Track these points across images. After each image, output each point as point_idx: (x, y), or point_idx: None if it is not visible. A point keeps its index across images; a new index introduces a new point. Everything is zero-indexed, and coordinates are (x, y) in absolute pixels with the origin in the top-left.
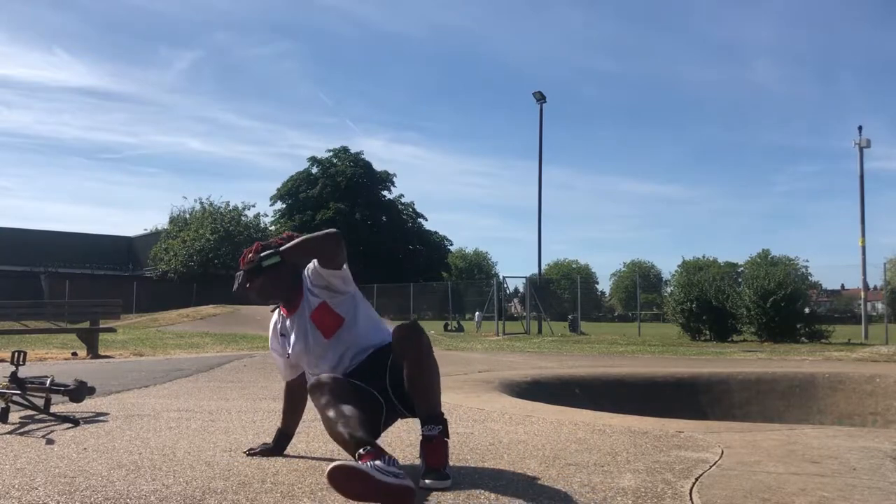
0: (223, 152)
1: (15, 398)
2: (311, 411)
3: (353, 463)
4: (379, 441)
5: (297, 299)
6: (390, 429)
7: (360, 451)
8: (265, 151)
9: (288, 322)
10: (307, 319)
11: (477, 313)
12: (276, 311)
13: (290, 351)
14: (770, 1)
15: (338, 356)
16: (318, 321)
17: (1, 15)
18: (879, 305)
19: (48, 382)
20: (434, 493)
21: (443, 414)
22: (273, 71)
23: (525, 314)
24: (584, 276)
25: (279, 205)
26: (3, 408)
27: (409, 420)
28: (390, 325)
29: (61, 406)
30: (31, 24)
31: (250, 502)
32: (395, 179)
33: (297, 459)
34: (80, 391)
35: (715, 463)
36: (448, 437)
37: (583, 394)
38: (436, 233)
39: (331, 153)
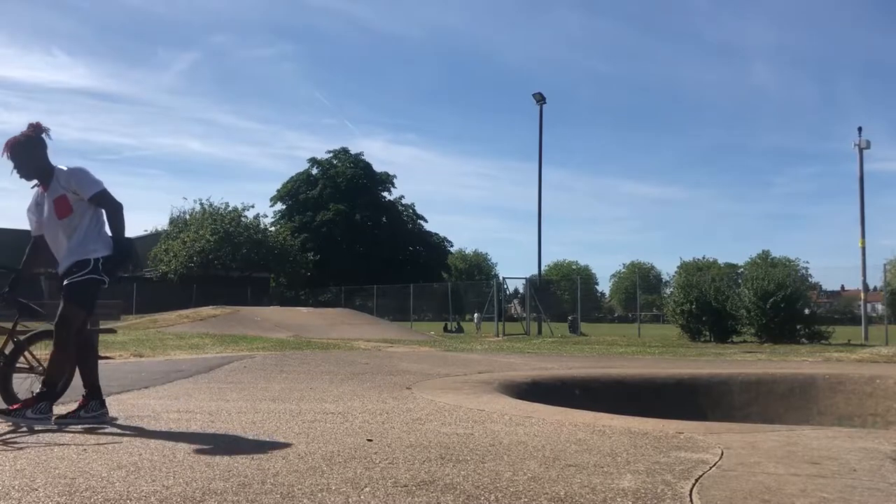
0: (222, 153)
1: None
2: (308, 413)
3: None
4: (378, 440)
5: (47, 181)
6: (389, 429)
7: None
8: (265, 152)
9: (43, 196)
10: (51, 201)
11: (476, 314)
12: (37, 187)
13: (39, 218)
14: (769, 3)
15: (63, 240)
16: (57, 204)
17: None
18: (879, 307)
19: None
20: (434, 494)
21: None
22: (272, 72)
23: (525, 315)
24: (584, 278)
25: (279, 206)
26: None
27: (409, 420)
28: (390, 327)
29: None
30: (30, 25)
31: (250, 503)
32: (395, 181)
33: (297, 460)
34: None
35: (715, 464)
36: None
37: (582, 395)
38: (436, 234)
39: (331, 154)
